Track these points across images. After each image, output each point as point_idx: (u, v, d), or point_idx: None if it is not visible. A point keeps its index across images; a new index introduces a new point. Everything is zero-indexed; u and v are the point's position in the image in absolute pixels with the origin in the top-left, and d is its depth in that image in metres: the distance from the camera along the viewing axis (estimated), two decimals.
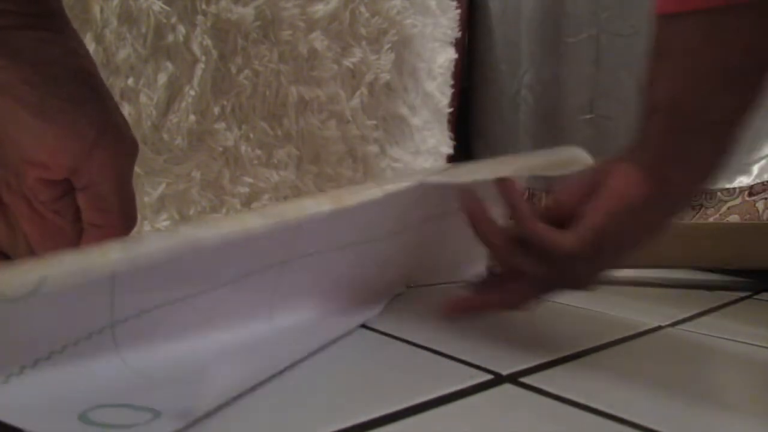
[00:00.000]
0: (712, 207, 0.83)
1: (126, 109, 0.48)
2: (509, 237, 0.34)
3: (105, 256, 0.22)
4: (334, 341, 0.35)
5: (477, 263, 0.45)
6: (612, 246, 0.32)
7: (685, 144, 0.30)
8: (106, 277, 0.23)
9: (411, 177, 0.37)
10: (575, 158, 0.43)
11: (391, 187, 0.35)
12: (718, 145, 0.31)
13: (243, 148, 0.59)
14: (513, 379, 0.31)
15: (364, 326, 0.40)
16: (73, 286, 0.21)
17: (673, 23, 0.29)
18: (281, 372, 0.29)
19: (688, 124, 0.30)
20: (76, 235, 0.28)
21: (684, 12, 0.28)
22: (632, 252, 0.32)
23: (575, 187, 0.33)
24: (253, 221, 0.28)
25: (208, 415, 0.23)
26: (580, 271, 0.33)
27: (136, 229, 0.50)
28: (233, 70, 0.56)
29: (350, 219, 0.34)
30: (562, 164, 0.42)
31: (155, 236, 0.24)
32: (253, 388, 0.27)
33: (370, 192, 0.34)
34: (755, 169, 0.80)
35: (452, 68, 0.90)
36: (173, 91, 0.52)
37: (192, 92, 0.53)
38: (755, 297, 0.61)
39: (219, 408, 0.24)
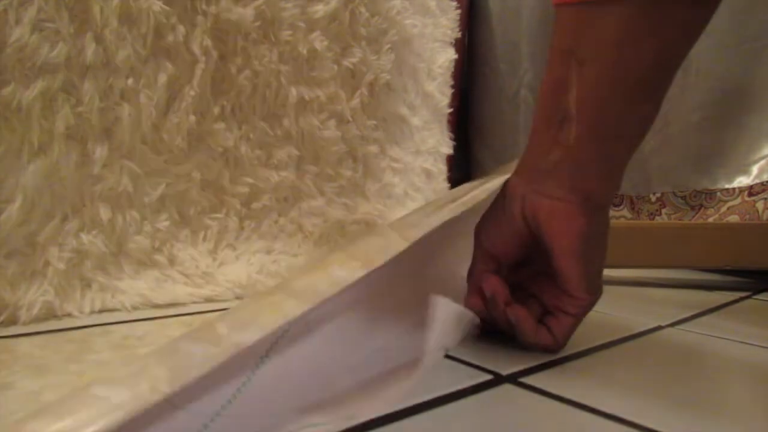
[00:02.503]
0: (712, 207, 0.83)
1: (126, 109, 0.48)
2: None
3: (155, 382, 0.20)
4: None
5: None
6: (592, 279, 0.33)
7: (607, 151, 0.29)
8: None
9: (423, 212, 0.35)
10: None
11: (414, 234, 0.32)
12: (624, 160, 0.30)
13: (243, 148, 0.59)
14: (513, 379, 0.31)
15: None
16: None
17: (596, 10, 0.26)
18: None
19: (609, 132, 0.28)
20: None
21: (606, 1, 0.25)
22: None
23: (509, 242, 0.33)
24: (290, 307, 0.25)
25: None
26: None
27: (135, 228, 0.50)
28: (233, 70, 0.56)
29: (379, 275, 0.30)
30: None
31: (199, 349, 0.22)
32: None
33: (395, 244, 0.31)
34: (755, 169, 0.80)
35: (452, 68, 0.90)
36: (173, 91, 0.52)
37: (192, 92, 0.53)
38: (755, 297, 0.61)
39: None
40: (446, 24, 0.87)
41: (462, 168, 1.17)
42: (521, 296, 0.35)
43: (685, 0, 0.25)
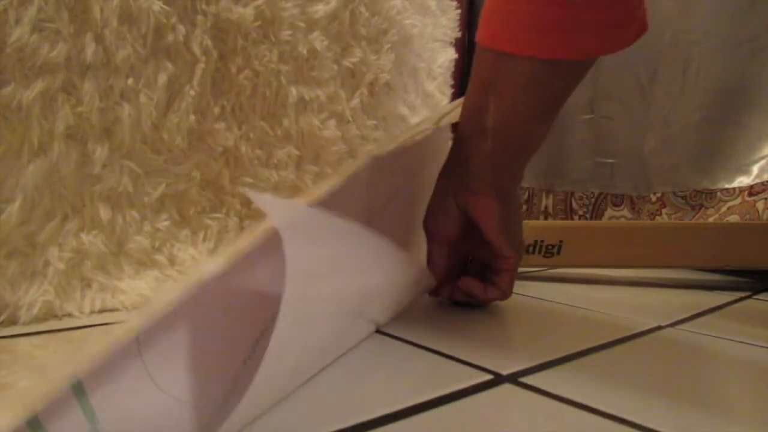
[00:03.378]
0: (712, 207, 0.83)
1: (126, 109, 0.48)
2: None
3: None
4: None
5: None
6: (515, 243, 0.43)
7: (515, 162, 0.40)
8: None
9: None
10: (454, 107, 0.47)
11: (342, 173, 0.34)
12: (525, 163, 0.41)
13: (243, 148, 0.59)
14: (513, 379, 0.31)
15: None
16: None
17: (510, 61, 0.35)
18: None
19: (517, 145, 0.39)
20: None
21: (518, 55, 0.34)
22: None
23: (452, 225, 0.43)
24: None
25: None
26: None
27: (135, 228, 0.50)
28: (233, 70, 0.56)
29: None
30: (445, 115, 0.46)
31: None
32: None
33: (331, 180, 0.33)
34: (755, 169, 0.80)
35: (452, 68, 0.90)
36: (173, 91, 0.52)
37: (192, 92, 0.53)
38: (755, 297, 0.61)
39: None
40: (446, 24, 0.87)
41: None
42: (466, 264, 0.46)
43: (569, 63, 0.35)
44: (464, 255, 0.46)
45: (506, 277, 0.44)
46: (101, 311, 0.46)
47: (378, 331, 0.39)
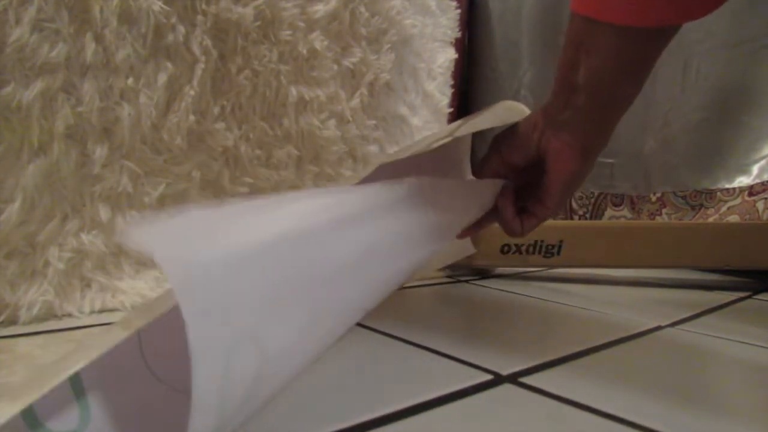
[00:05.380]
0: (712, 207, 0.83)
1: (126, 109, 0.48)
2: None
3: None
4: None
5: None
6: (565, 202, 0.44)
7: (603, 116, 0.41)
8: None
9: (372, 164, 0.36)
10: (513, 110, 0.48)
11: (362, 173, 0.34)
12: (615, 123, 0.42)
13: (243, 148, 0.59)
14: (513, 379, 0.31)
15: (363, 326, 0.40)
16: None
17: (595, 26, 0.38)
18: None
19: (607, 104, 0.40)
20: None
21: (600, 21, 0.37)
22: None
23: (520, 154, 0.44)
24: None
25: None
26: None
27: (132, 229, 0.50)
28: (233, 70, 0.56)
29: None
30: (504, 117, 0.47)
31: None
32: None
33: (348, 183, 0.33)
34: (755, 169, 0.80)
35: (452, 68, 0.90)
36: (173, 91, 0.52)
37: (192, 92, 0.53)
38: (755, 297, 0.61)
39: None
40: (446, 24, 0.87)
41: None
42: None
43: (649, 33, 0.37)
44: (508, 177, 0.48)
45: (533, 222, 0.45)
46: (101, 311, 0.46)
47: (378, 331, 0.39)
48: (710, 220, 0.81)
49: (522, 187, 0.46)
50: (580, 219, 1.00)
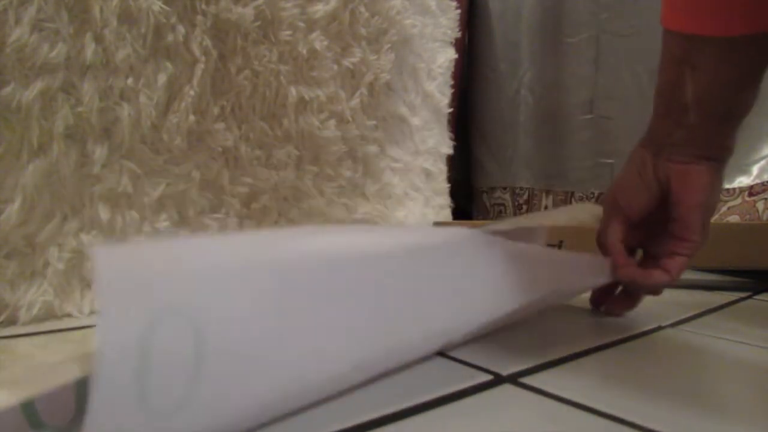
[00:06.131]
0: None
1: (126, 109, 0.48)
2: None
3: None
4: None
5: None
6: (708, 227, 0.42)
7: (721, 127, 0.39)
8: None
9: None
10: (590, 212, 0.47)
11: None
12: (735, 130, 0.40)
13: (242, 148, 0.59)
14: (513, 379, 0.31)
15: None
16: None
17: (699, 41, 0.36)
18: None
19: (725, 113, 0.39)
20: None
21: (705, 35, 0.36)
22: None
23: (643, 200, 0.42)
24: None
25: None
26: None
27: (134, 228, 0.50)
28: (233, 70, 0.56)
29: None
30: (582, 219, 0.47)
31: None
32: None
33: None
34: (755, 169, 0.80)
35: (452, 68, 0.90)
36: (173, 91, 0.52)
37: (192, 92, 0.53)
38: (755, 297, 0.61)
39: None
40: (446, 24, 0.87)
41: (462, 168, 1.17)
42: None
43: (756, 39, 0.35)
44: (636, 243, 0.45)
45: (681, 262, 0.41)
46: None
47: None
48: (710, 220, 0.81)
49: (651, 240, 0.43)
50: None
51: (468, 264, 0.33)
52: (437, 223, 0.74)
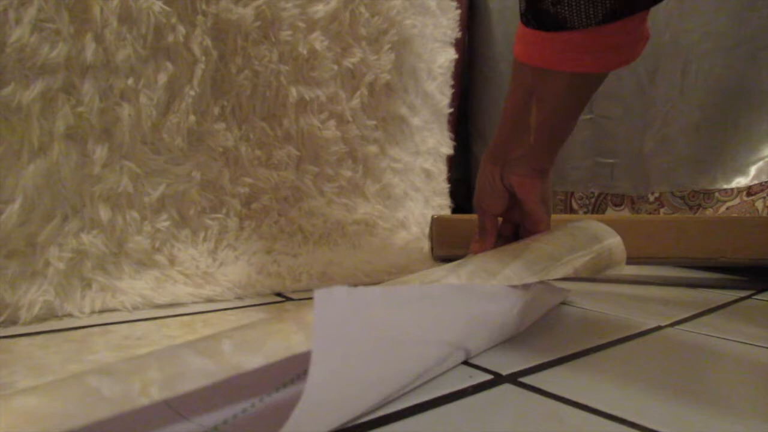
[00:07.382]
0: (710, 207, 0.83)
1: (126, 109, 0.48)
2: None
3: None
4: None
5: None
6: (549, 213, 0.51)
7: (553, 148, 0.48)
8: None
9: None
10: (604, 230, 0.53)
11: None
12: (559, 149, 0.49)
13: (243, 148, 0.59)
14: (513, 379, 0.31)
15: None
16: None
17: (548, 75, 0.42)
18: None
19: (555, 137, 0.47)
20: None
21: (555, 70, 0.42)
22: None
23: (499, 201, 0.51)
24: (297, 341, 0.24)
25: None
26: None
27: (135, 228, 0.50)
28: (233, 70, 0.57)
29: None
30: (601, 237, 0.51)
31: (198, 361, 0.22)
32: None
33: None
34: (753, 170, 0.80)
35: (452, 68, 0.90)
36: (173, 91, 0.52)
37: (192, 92, 0.53)
38: (755, 297, 0.61)
39: None
40: (446, 24, 0.87)
41: (462, 168, 1.17)
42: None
43: (596, 76, 0.43)
44: (514, 223, 0.55)
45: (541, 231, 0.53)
46: (101, 311, 0.46)
47: None
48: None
49: (521, 219, 0.53)
50: None
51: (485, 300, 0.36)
52: (435, 217, 0.74)
